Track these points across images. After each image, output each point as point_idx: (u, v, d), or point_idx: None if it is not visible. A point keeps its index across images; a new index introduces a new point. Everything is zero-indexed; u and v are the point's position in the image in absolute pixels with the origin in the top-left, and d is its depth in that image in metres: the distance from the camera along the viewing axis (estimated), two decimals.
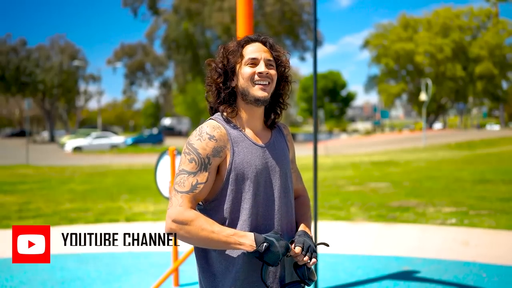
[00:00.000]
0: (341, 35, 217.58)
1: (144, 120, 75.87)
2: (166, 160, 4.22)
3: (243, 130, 1.73)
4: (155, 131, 45.01)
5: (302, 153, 22.95)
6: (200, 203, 1.70)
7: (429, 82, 31.73)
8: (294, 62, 51.66)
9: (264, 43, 1.76)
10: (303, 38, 44.13)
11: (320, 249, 4.55)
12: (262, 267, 1.61)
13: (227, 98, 1.73)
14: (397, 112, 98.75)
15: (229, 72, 1.72)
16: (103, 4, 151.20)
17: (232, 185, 1.65)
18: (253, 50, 1.72)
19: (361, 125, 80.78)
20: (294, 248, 1.64)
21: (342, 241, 5.72)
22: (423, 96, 29.57)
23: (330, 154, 24.22)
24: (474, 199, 8.21)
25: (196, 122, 50.21)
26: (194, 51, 43.76)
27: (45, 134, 57.17)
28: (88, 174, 15.19)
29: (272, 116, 1.81)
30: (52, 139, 51.98)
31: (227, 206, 1.66)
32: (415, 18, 55.08)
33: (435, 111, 56.42)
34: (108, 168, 17.74)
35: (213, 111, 1.79)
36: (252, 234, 1.57)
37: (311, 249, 1.67)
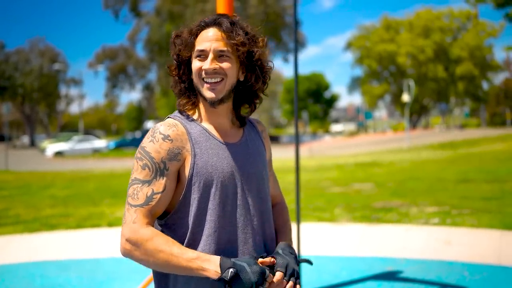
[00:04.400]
0: (324, 36, 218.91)
1: (127, 124, 75.32)
2: None
3: (207, 128, 1.48)
4: (138, 134, 44.64)
5: (286, 155, 22.89)
6: (161, 219, 1.46)
7: (412, 83, 32.05)
8: (277, 64, 51.84)
9: (219, 26, 1.45)
10: (286, 40, 44.26)
11: (304, 253, 4.55)
12: None
13: (183, 90, 1.52)
14: (381, 113, 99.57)
15: (183, 65, 1.51)
16: (83, 6, 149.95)
17: (195, 193, 1.40)
18: (202, 39, 1.45)
19: (345, 126, 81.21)
20: (275, 273, 1.39)
21: (326, 242, 5.72)
22: (405, 97, 29.83)
23: (314, 156, 24.29)
24: (456, 198, 8.28)
25: None
26: None
27: (25, 139, 56.41)
28: (69, 179, 15.00)
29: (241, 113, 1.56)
30: (33, 144, 51.31)
31: (190, 218, 1.41)
32: (397, 20, 55.68)
33: (418, 111, 57.03)
34: (90, 173, 17.54)
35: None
36: (218, 258, 1.31)
37: (295, 274, 1.42)
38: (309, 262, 1.56)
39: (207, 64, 1.43)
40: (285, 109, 66.73)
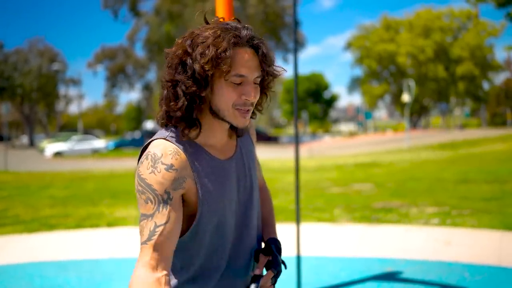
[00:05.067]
0: (324, 36, 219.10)
1: (127, 124, 75.35)
2: None
3: (206, 146, 1.36)
4: (137, 135, 44.64)
5: (286, 155, 22.78)
6: None
7: (412, 83, 32.04)
8: (276, 64, 51.74)
9: (256, 50, 1.31)
10: (286, 40, 44.26)
11: (303, 254, 4.53)
12: None
13: (190, 110, 1.31)
14: (380, 113, 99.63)
15: (207, 80, 1.27)
16: (82, 6, 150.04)
17: (205, 224, 1.34)
18: (243, 62, 1.27)
19: (345, 127, 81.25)
20: (264, 270, 1.40)
21: (325, 243, 5.70)
22: (405, 97, 29.82)
23: (314, 156, 24.28)
24: (456, 199, 8.26)
25: None
26: None
27: (25, 139, 56.43)
28: (68, 180, 14.98)
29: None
30: (32, 144, 51.32)
31: (201, 244, 1.36)
32: (397, 20, 55.72)
33: (418, 111, 57.06)
34: (89, 173, 17.52)
35: (167, 119, 1.35)
36: None
37: (278, 275, 1.45)
38: (284, 264, 1.53)
39: (250, 93, 1.30)
40: (285, 109, 66.77)
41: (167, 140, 1.31)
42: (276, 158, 22.08)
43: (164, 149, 1.28)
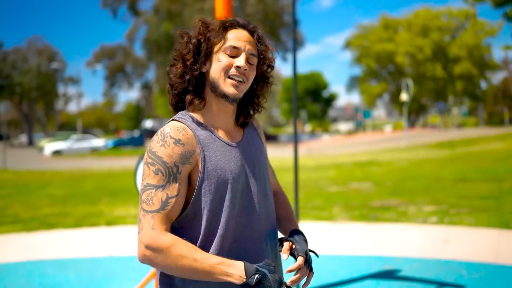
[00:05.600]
0: (323, 35, 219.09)
1: (126, 123, 75.22)
2: None
3: (213, 128, 1.47)
4: (136, 133, 44.58)
5: (284, 154, 22.82)
6: None
7: (410, 82, 32.03)
8: (276, 63, 51.68)
9: (252, 33, 1.49)
10: (285, 39, 44.22)
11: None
12: None
13: (193, 82, 1.46)
14: (379, 112, 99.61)
15: (202, 53, 1.45)
16: (81, 5, 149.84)
17: (207, 197, 1.40)
18: (236, 37, 1.45)
19: (344, 126, 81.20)
20: (296, 258, 1.44)
21: (324, 241, 5.72)
22: (404, 97, 29.81)
23: (312, 155, 24.29)
24: (454, 197, 8.29)
25: None
26: None
27: (23, 138, 56.36)
28: (67, 178, 14.99)
29: (244, 116, 1.56)
30: (31, 143, 51.26)
31: (202, 221, 1.40)
32: (395, 19, 55.73)
33: (416, 110, 57.09)
34: (88, 172, 17.53)
35: (176, 102, 1.51)
36: (241, 263, 1.32)
37: (310, 261, 1.48)
38: (315, 254, 1.60)
39: (241, 61, 1.43)
40: (284, 108, 66.70)
41: (176, 120, 1.45)
42: (275, 156, 22.08)
43: (173, 126, 1.42)
